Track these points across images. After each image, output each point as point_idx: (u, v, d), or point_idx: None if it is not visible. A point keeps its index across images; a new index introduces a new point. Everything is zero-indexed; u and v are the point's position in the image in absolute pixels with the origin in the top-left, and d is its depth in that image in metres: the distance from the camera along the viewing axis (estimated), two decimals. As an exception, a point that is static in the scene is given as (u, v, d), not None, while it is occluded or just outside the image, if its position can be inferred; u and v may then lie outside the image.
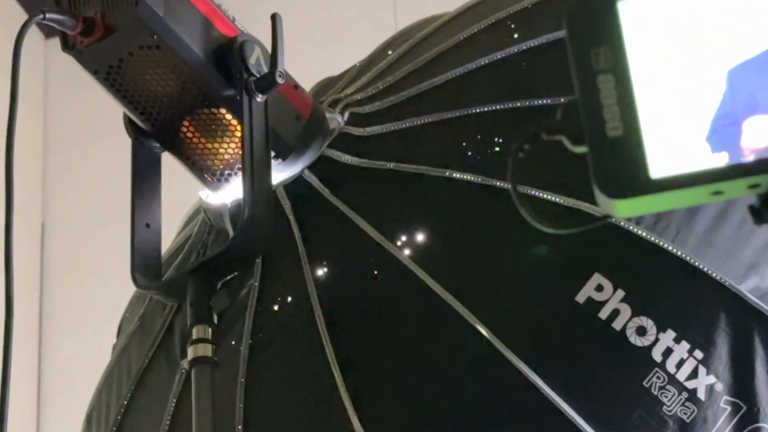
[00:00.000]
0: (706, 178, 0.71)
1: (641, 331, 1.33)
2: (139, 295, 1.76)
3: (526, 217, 0.83)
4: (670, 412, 1.32)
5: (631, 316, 1.33)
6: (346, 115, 1.58)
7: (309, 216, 1.53)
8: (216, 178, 1.47)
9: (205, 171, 1.47)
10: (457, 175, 1.46)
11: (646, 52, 0.74)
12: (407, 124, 1.54)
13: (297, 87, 1.51)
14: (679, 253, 1.35)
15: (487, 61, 1.54)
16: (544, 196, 1.37)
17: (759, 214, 0.74)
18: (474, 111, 1.50)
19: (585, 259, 1.36)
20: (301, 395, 1.49)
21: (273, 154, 1.44)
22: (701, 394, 1.32)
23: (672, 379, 1.32)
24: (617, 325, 1.33)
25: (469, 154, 1.48)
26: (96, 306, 3.67)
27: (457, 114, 1.51)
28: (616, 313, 1.33)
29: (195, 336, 1.29)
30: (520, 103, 1.48)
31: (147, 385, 1.62)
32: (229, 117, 1.42)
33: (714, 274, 1.35)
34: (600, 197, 0.73)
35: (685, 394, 1.32)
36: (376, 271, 1.46)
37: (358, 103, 1.60)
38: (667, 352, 1.32)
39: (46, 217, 4.08)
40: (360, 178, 1.52)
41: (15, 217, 1.24)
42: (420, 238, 1.45)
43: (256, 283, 1.52)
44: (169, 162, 1.48)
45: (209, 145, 1.45)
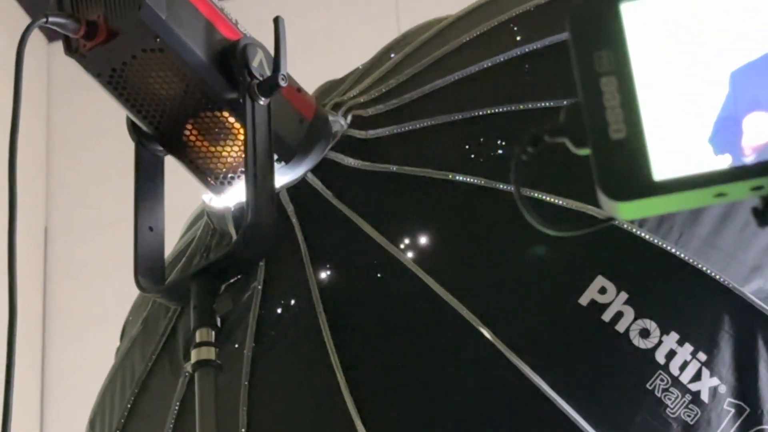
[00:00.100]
0: (709, 181, 0.71)
1: (644, 333, 1.33)
2: (142, 299, 1.76)
3: (530, 219, 0.83)
4: (673, 414, 1.32)
5: (635, 319, 1.33)
6: (349, 118, 1.58)
7: (312, 219, 1.53)
8: (219, 181, 1.47)
9: (208, 174, 1.47)
10: (460, 178, 1.45)
11: (648, 55, 0.74)
12: (410, 127, 1.54)
13: (300, 90, 1.51)
14: (682, 255, 1.35)
15: (489, 64, 1.54)
16: (547, 198, 1.37)
17: (762, 216, 0.74)
18: (477, 114, 1.50)
19: (588, 262, 1.36)
20: (305, 398, 1.49)
21: (276, 157, 1.44)
22: (705, 397, 1.32)
23: (675, 382, 1.32)
24: (620, 327, 1.33)
25: (471, 156, 1.48)
26: (99, 309, 3.67)
27: (460, 117, 1.51)
28: (619, 315, 1.33)
29: (198, 339, 1.29)
30: (522, 106, 1.48)
31: (150, 389, 1.62)
32: (232, 120, 1.42)
33: (717, 277, 1.34)
34: (603, 200, 0.73)
35: (688, 397, 1.32)
36: (379, 274, 1.46)
37: (360, 106, 1.59)
38: (671, 355, 1.32)
39: (50, 220, 4.08)
40: (363, 180, 1.52)
41: (18, 220, 1.24)
42: (423, 241, 1.45)
43: (260, 286, 1.52)
44: (172, 165, 1.48)
45: (212, 149, 1.45)
